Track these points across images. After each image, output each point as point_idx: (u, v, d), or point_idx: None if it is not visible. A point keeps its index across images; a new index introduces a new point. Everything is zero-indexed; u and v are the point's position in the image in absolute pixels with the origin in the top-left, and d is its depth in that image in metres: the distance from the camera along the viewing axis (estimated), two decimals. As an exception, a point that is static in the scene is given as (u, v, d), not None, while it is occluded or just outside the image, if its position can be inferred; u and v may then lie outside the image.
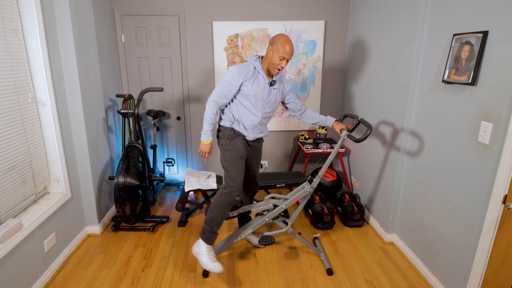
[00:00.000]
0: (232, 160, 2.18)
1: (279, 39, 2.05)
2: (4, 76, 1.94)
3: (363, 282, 2.26)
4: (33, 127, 2.22)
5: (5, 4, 1.94)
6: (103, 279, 2.28)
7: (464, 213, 1.92)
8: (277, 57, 2.04)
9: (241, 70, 2.08)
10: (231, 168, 2.18)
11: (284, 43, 2.03)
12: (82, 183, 2.71)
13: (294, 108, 2.42)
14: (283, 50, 2.03)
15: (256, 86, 2.12)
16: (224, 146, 2.21)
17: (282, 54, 2.03)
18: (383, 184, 2.79)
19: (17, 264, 1.95)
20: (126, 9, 3.34)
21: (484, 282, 1.80)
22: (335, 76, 3.71)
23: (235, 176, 2.16)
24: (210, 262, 2.12)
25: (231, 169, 2.18)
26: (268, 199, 2.42)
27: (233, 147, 2.19)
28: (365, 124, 2.20)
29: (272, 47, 2.07)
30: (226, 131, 2.22)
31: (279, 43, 2.04)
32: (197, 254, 2.19)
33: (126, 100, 3.00)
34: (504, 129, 1.64)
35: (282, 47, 2.03)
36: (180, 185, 3.97)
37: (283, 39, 2.04)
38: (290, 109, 2.44)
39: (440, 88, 2.12)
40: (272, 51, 2.06)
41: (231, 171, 2.17)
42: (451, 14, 2.01)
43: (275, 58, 2.06)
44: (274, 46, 2.05)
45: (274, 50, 2.05)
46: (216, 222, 2.17)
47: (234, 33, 3.48)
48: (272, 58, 2.07)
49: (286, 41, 2.04)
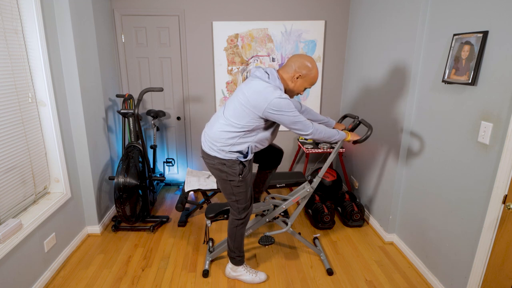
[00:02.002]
0: (244, 193, 2.02)
1: (313, 71, 1.87)
2: (4, 76, 1.94)
3: (363, 282, 2.26)
4: (33, 127, 2.22)
5: (5, 4, 1.94)
6: (103, 279, 2.28)
7: (464, 213, 1.92)
8: (304, 87, 1.91)
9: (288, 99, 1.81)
10: (243, 199, 2.03)
11: (317, 75, 1.89)
12: (82, 183, 2.71)
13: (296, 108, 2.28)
14: (313, 83, 1.91)
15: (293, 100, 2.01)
16: (233, 183, 1.97)
17: (310, 85, 1.91)
18: (383, 184, 2.79)
19: (17, 264, 1.95)
20: (126, 9, 3.34)
21: (484, 282, 1.80)
22: (335, 76, 3.71)
23: (247, 205, 2.07)
24: (255, 276, 2.22)
25: (242, 200, 2.04)
26: (268, 199, 2.42)
27: (245, 182, 2.00)
28: (365, 124, 2.16)
29: (302, 76, 1.86)
30: (235, 167, 1.93)
31: (312, 75, 1.87)
32: (238, 277, 2.25)
33: (126, 100, 3.00)
34: (504, 129, 1.64)
35: (314, 80, 1.89)
36: (180, 185, 3.97)
37: (316, 70, 1.88)
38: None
39: (440, 88, 2.12)
40: (302, 80, 1.88)
41: (243, 201, 2.04)
42: (451, 14, 2.01)
43: (301, 88, 1.91)
44: (307, 77, 1.87)
45: (305, 80, 1.88)
46: (240, 245, 2.18)
47: (234, 33, 3.48)
48: (298, 87, 1.90)
49: (317, 71, 1.89)
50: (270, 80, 1.82)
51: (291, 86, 1.90)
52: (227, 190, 2.01)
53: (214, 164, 1.95)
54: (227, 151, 1.90)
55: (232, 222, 2.12)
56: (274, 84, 1.82)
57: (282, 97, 1.75)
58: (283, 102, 1.75)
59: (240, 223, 2.11)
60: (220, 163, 1.92)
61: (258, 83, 1.82)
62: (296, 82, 1.88)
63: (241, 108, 1.82)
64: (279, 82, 1.84)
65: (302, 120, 1.82)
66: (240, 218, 2.09)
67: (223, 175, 1.95)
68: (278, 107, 1.75)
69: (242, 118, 1.83)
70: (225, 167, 1.93)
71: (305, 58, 1.86)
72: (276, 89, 1.79)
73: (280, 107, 1.76)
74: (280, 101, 1.75)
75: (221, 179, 1.98)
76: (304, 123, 1.83)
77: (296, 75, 1.86)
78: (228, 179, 1.96)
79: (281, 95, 1.76)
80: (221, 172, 1.95)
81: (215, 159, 1.93)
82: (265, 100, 1.76)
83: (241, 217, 2.08)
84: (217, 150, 1.91)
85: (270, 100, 1.75)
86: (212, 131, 1.93)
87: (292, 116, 1.79)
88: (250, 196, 2.07)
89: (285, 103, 1.76)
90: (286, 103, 1.76)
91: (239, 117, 1.83)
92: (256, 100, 1.77)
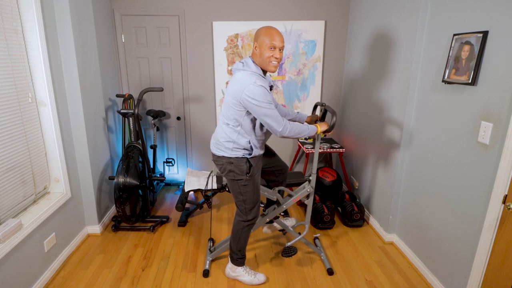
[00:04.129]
0: (251, 192, 2.02)
1: (260, 31, 1.85)
2: (4, 76, 1.94)
3: (363, 282, 2.26)
4: (33, 127, 2.22)
5: (5, 4, 1.94)
6: (103, 279, 2.28)
7: (464, 213, 1.92)
8: (267, 49, 1.83)
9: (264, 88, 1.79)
10: (250, 198, 2.03)
11: (268, 31, 1.82)
12: (82, 183, 2.71)
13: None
14: (270, 38, 1.81)
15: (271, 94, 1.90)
16: (241, 182, 1.99)
17: (271, 43, 1.82)
18: (383, 184, 2.79)
19: (17, 264, 1.95)
20: (126, 9, 3.34)
21: (484, 282, 1.80)
22: (335, 76, 3.71)
23: (254, 207, 2.06)
24: (253, 277, 2.22)
25: (249, 200, 2.03)
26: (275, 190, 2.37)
27: (252, 181, 2.00)
28: (330, 111, 2.09)
29: (257, 43, 1.86)
30: (241, 165, 1.95)
31: (262, 35, 1.84)
32: (237, 277, 2.25)
33: (126, 100, 3.00)
34: (504, 129, 1.64)
35: (267, 36, 1.82)
36: (180, 185, 3.97)
37: (265, 28, 1.85)
38: None
39: (440, 88, 2.12)
40: (259, 46, 1.85)
41: (250, 202, 2.04)
42: (451, 14, 2.01)
43: (265, 51, 1.84)
44: (259, 40, 1.84)
45: (259, 44, 1.84)
46: (243, 247, 2.18)
47: (234, 33, 3.48)
48: (262, 54, 1.85)
49: (269, 28, 1.83)
50: (245, 67, 1.88)
51: (259, 61, 1.88)
52: (235, 189, 2.04)
53: (223, 164, 2.00)
54: (231, 148, 1.95)
55: (238, 224, 2.13)
56: (250, 71, 1.86)
57: (256, 84, 1.77)
58: (257, 89, 1.77)
59: (246, 225, 2.11)
60: (228, 162, 1.97)
61: (237, 74, 1.90)
62: (257, 52, 1.88)
63: (228, 102, 1.89)
64: (254, 67, 1.88)
65: (274, 115, 1.81)
66: (246, 219, 2.09)
67: (231, 174, 2.00)
68: (252, 94, 1.77)
69: (230, 111, 1.89)
70: (232, 166, 1.97)
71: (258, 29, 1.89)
72: (252, 75, 1.82)
73: (254, 94, 1.76)
74: (254, 88, 1.76)
75: (230, 179, 2.03)
76: (276, 119, 1.82)
77: (254, 47, 1.89)
78: (236, 178, 1.99)
79: (256, 82, 1.78)
80: (230, 171, 1.99)
81: (223, 159, 1.98)
82: (242, 86, 1.80)
83: (248, 218, 2.09)
84: (223, 149, 1.97)
85: (245, 86, 1.78)
86: (216, 132, 2.03)
87: (265, 108, 1.78)
88: (257, 198, 2.07)
89: (260, 91, 1.77)
90: (261, 91, 1.77)
91: (228, 112, 1.90)
92: (236, 89, 1.83)
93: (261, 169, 2.13)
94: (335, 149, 3.41)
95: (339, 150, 3.41)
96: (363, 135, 3.20)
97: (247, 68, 1.87)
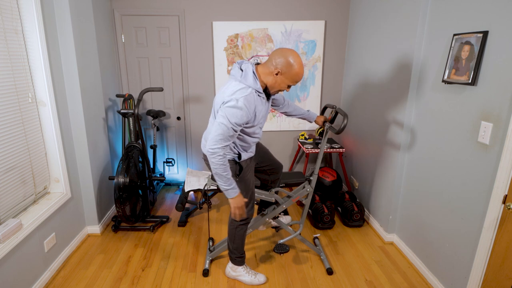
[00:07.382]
0: (243, 193, 2.02)
1: (294, 67, 1.70)
2: (4, 76, 1.94)
3: (363, 282, 2.26)
4: (33, 127, 2.22)
5: (5, 4, 1.94)
6: (103, 279, 2.28)
7: (464, 213, 1.92)
8: (286, 84, 1.77)
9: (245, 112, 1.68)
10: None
11: (300, 70, 1.71)
12: (82, 183, 2.71)
13: (278, 102, 2.21)
14: (298, 78, 1.73)
15: (260, 111, 1.81)
16: None
17: (295, 81, 1.75)
18: (383, 184, 2.79)
19: (17, 264, 1.95)
20: (126, 9, 3.34)
21: (484, 282, 1.80)
22: (335, 76, 3.71)
23: (247, 207, 2.07)
24: (254, 278, 2.22)
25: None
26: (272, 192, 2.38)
27: (244, 181, 2.00)
28: (341, 113, 2.09)
29: (282, 72, 1.72)
30: (232, 167, 1.94)
31: (294, 72, 1.71)
32: (237, 277, 2.25)
33: (126, 100, 3.00)
34: (504, 129, 1.64)
35: (296, 77, 1.73)
36: (180, 185, 3.97)
37: (299, 67, 1.70)
38: (273, 105, 2.23)
39: (440, 88, 2.12)
40: (282, 77, 1.73)
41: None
42: (451, 14, 2.01)
43: (283, 85, 1.77)
44: (288, 74, 1.71)
45: (285, 76, 1.73)
46: (239, 246, 2.18)
47: (234, 33, 3.48)
48: (280, 84, 1.76)
49: (301, 67, 1.71)
50: (242, 78, 1.75)
51: (271, 82, 1.77)
52: None
53: None
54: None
55: (231, 223, 2.14)
56: (245, 84, 1.73)
57: (237, 106, 1.66)
58: (233, 111, 1.66)
59: (239, 225, 2.11)
60: None
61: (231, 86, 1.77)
62: (276, 78, 1.75)
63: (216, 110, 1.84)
64: (252, 80, 1.74)
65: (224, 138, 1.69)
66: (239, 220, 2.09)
67: None
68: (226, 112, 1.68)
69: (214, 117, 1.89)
70: None
71: (288, 53, 1.70)
72: (243, 91, 1.71)
73: (225, 113, 1.67)
74: (232, 110, 1.67)
75: None
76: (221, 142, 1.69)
77: (276, 71, 1.72)
78: None
79: (236, 105, 1.66)
80: None
81: None
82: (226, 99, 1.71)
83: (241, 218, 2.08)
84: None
85: (227, 101, 1.69)
86: (206, 133, 2.05)
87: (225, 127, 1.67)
88: (250, 198, 2.08)
89: (234, 112, 1.66)
90: (234, 113, 1.66)
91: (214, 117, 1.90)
92: (221, 100, 1.75)
93: (253, 169, 2.13)
94: (335, 149, 3.41)
95: (339, 150, 3.41)
96: (363, 135, 3.20)
97: (244, 81, 1.74)
